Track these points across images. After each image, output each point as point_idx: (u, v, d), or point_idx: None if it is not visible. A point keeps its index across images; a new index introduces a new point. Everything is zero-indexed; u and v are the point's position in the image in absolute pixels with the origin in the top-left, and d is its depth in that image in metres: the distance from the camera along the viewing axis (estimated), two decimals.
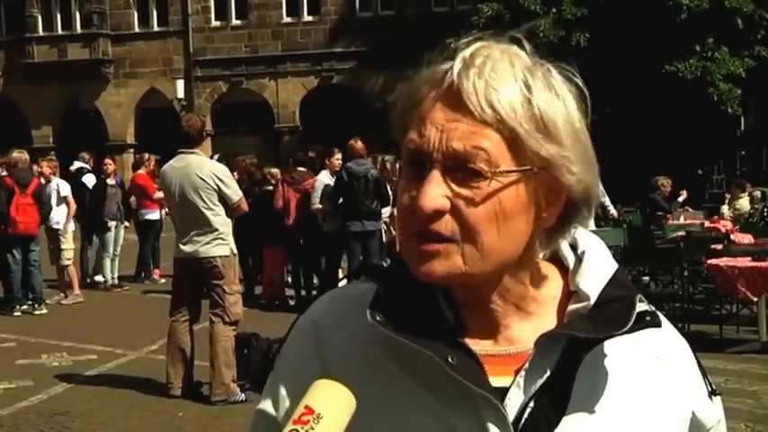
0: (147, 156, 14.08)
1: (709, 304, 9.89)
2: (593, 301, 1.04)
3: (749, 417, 5.90)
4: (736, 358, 7.99)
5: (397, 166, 11.76)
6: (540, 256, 1.11)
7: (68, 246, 12.33)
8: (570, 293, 1.08)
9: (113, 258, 13.58)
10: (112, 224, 13.33)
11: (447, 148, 0.97)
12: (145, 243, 13.93)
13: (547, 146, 0.98)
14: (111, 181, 13.57)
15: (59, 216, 12.18)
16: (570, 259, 1.11)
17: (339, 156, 10.99)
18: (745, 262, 8.40)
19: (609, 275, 1.07)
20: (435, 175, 0.97)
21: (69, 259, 12.31)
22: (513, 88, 0.97)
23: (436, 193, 0.97)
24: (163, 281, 13.20)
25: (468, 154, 0.96)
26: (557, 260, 1.12)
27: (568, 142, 0.99)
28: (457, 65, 0.99)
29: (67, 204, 12.35)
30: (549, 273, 1.10)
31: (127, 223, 13.74)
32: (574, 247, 1.12)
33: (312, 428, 0.89)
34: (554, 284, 1.10)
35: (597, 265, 1.08)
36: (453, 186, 0.97)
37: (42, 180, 12.16)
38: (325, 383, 0.94)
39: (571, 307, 1.06)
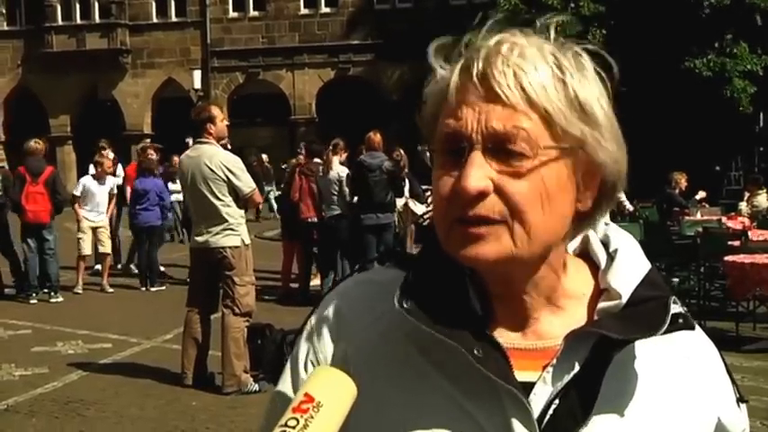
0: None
1: (725, 301, 9.82)
2: (624, 300, 1.02)
3: (766, 415, 5.87)
4: (753, 356, 7.94)
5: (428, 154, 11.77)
6: (570, 251, 1.09)
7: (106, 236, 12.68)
8: (601, 291, 1.06)
9: None
10: None
11: (487, 128, 0.96)
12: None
13: (580, 125, 0.97)
14: None
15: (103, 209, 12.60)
16: (602, 257, 1.08)
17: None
18: (762, 259, 8.35)
19: (642, 275, 1.04)
20: (477, 156, 0.96)
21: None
22: (544, 70, 0.97)
23: (479, 173, 0.95)
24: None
25: (509, 134, 0.95)
26: (587, 257, 1.10)
27: (602, 121, 0.99)
28: (483, 52, 0.99)
29: (109, 199, 12.76)
30: (579, 269, 1.08)
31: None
32: (605, 244, 1.10)
33: (312, 417, 0.86)
34: (584, 281, 1.08)
35: (630, 264, 1.06)
36: (495, 166, 0.96)
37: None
38: (325, 370, 0.92)
39: (602, 305, 1.04)
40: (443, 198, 0.99)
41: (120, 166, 14.44)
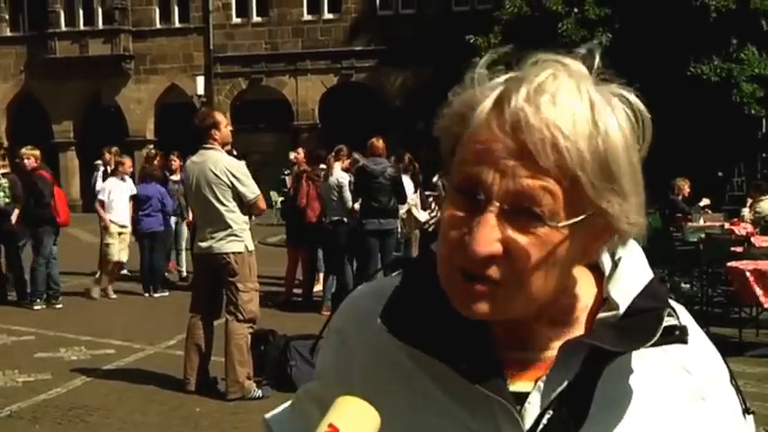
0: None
1: (728, 307, 9.81)
2: (622, 310, 1.00)
3: None
4: (756, 362, 7.92)
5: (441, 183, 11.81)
6: None
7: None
8: (603, 300, 1.04)
9: (179, 251, 13.78)
10: (173, 220, 13.38)
11: (509, 186, 0.91)
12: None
13: (609, 196, 0.93)
14: (175, 177, 13.40)
15: (126, 214, 12.47)
16: (607, 265, 1.06)
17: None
18: (765, 265, 8.34)
19: (642, 285, 1.03)
20: (490, 218, 0.92)
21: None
22: (583, 131, 0.91)
23: (491, 237, 0.92)
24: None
25: (533, 196, 0.91)
26: (593, 264, 1.07)
27: (628, 186, 0.94)
28: (521, 97, 0.92)
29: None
30: (583, 279, 1.06)
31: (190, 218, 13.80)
32: (612, 252, 1.07)
33: None
34: (587, 292, 1.06)
35: (631, 274, 1.04)
36: (509, 231, 0.92)
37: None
38: (350, 401, 0.90)
39: (600, 315, 1.02)
40: (449, 243, 0.96)
41: None
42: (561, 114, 0.91)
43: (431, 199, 12.79)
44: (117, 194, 12.39)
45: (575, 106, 0.92)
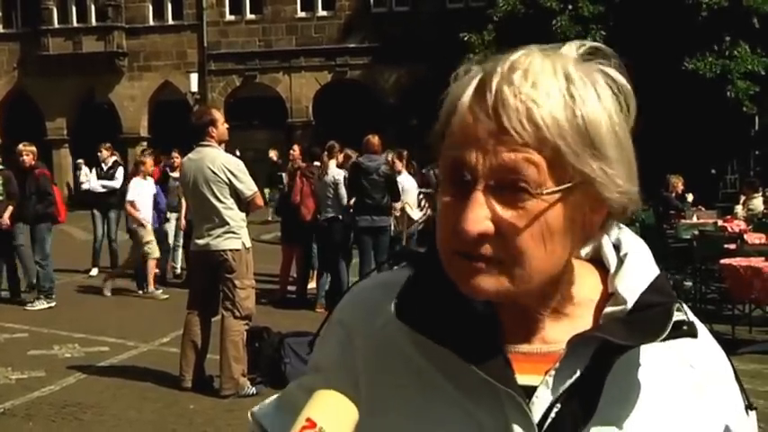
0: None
1: (721, 304, 9.84)
2: (630, 305, 1.01)
3: (762, 418, 5.86)
4: (749, 359, 7.94)
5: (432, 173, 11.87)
6: (583, 254, 1.08)
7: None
8: (609, 296, 1.05)
9: (175, 248, 13.72)
10: (173, 216, 13.33)
11: (492, 163, 0.93)
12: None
13: (591, 162, 0.94)
14: (175, 174, 13.13)
15: (149, 212, 12.34)
16: (612, 261, 1.07)
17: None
18: (758, 262, 8.37)
19: (649, 280, 1.03)
20: (478, 197, 0.93)
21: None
22: (557, 101, 0.93)
23: (480, 216, 0.93)
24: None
25: (516, 170, 0.92)
26: (598, 261, 1.09)
27: (612, 153, 0.95)
28: (495, 77, 0.95)
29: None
30: (588, 274, 1.07)
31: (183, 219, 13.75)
32: (617, 247, 1.08)
33: None
34: (592, 286, 1.07)
35: (638, 269, 1.05)
36: (497, 207, 0.94)
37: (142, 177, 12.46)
38: (327, 394, 0.91)
39: (607, 309, 1.03)
40: (445, 230, 0.98)
41: (121, 169, 14.43)
42: (534, 87, 0.93)
43: (421, 196, 12.80)
44: (147, 193, 12.34)
45: (548, 78, 0.94)
